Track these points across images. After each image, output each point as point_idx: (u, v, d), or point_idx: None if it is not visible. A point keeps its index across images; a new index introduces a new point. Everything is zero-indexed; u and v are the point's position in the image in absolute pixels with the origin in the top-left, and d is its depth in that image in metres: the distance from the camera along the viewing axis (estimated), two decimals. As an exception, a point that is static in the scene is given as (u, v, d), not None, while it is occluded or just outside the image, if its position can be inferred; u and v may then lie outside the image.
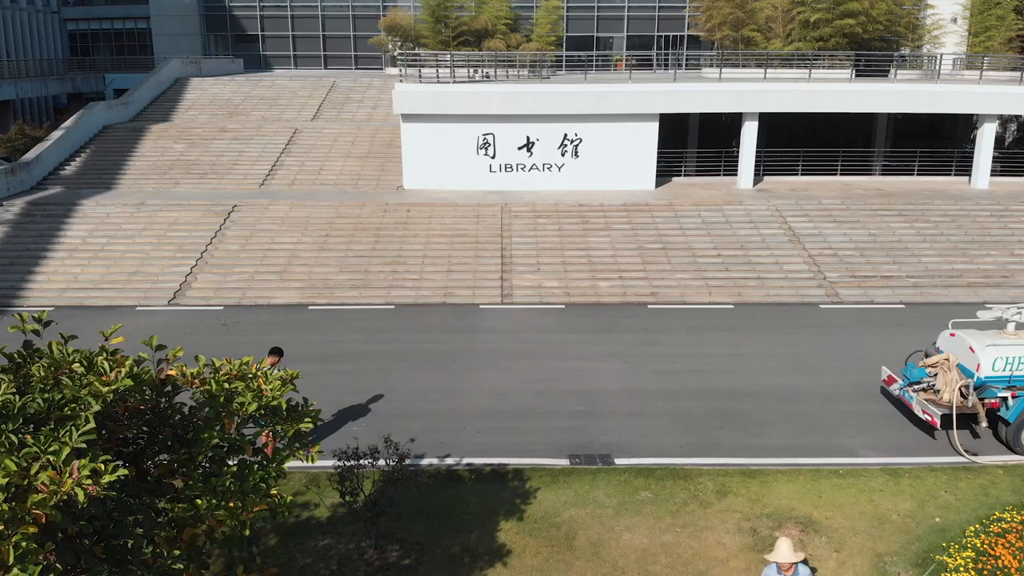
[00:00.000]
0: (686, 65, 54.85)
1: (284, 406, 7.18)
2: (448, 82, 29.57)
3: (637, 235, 24.82)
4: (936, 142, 37.18)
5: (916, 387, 14.54)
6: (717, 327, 19.71)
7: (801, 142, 33.46)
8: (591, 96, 28.23)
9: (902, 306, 21.67)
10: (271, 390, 7.24)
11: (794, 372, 17.04)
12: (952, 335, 14.68)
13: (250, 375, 7.46)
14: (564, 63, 52.87)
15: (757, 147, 29.34)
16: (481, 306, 21.18)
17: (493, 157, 29.01)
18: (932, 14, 40.21)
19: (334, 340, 18.77)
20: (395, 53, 47.75)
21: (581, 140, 28.81)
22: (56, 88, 45.88)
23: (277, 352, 13.10)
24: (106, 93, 49.24)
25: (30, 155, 29.76)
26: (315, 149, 32.00)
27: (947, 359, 14.42)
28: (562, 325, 19.92)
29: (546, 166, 29.04)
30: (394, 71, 47.63)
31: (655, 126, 28.65)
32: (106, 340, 6.99)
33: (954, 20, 42.41)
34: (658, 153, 29.08)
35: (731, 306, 21.32)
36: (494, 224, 25.60)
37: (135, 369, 6.66)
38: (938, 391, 14.35)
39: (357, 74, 46.86)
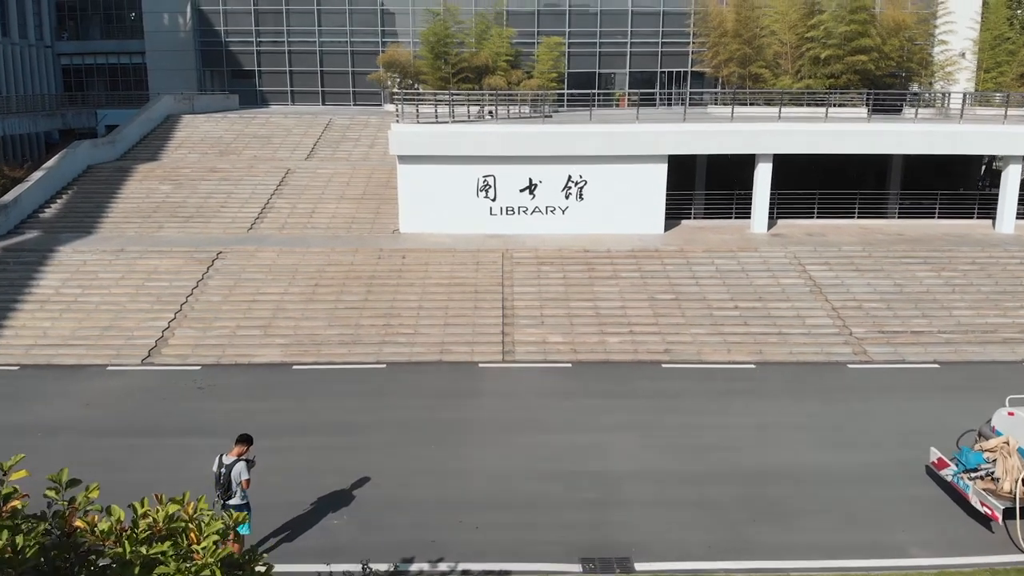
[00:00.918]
0: (690, 101, 53.80)
1: (219, 576, 5.40)
2: (447, 122, 28.11)
3: (647, 284, 23.14)
4: (945, 179, 35.73)
5: (972, 475, 12.75)
6: (739, 391, 17.93)
7: (812, 180, 31.91)
8: (596, 137, 26.75)
9: (936, 365, 19.91)
10: (205, 553, 5.48)
11: (827, 447, 15.24)
12: (1010, 414, 12.94)
13: (181, 528, 5.68)
14: (566, 100, 51.76)
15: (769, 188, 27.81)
16: (480, 365, 19.42)
17: (494, 200, 27.45)
18: (945, 49, 38.94)
19: (318, 407, 16.98)
20: (394, 90, 46.56)
21: (586, 182, 27.27)
22: (45, 124, 44.50)
23: (245, 440, 11.33)
24: (98, 129, 47.88)
25: (8, 197, 28.17)
26: (308, 190, 30.45)
27: (1006, 443, 12.65)
28: (569, 388, 18.15)
29: (549, 209, 27.47)
30: (394, 107, 46.44)
31: (664, 168, 27.12)
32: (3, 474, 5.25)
33: (963, 55, 41.14)
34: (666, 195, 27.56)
35: (752, 365, 19.56)
36: (494, 272, 23.94)
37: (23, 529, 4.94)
38: (997, 479, 12.57)
39: (355, 111, 45.56)
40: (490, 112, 33.04)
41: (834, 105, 36.41)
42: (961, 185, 36.10)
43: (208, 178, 31.39)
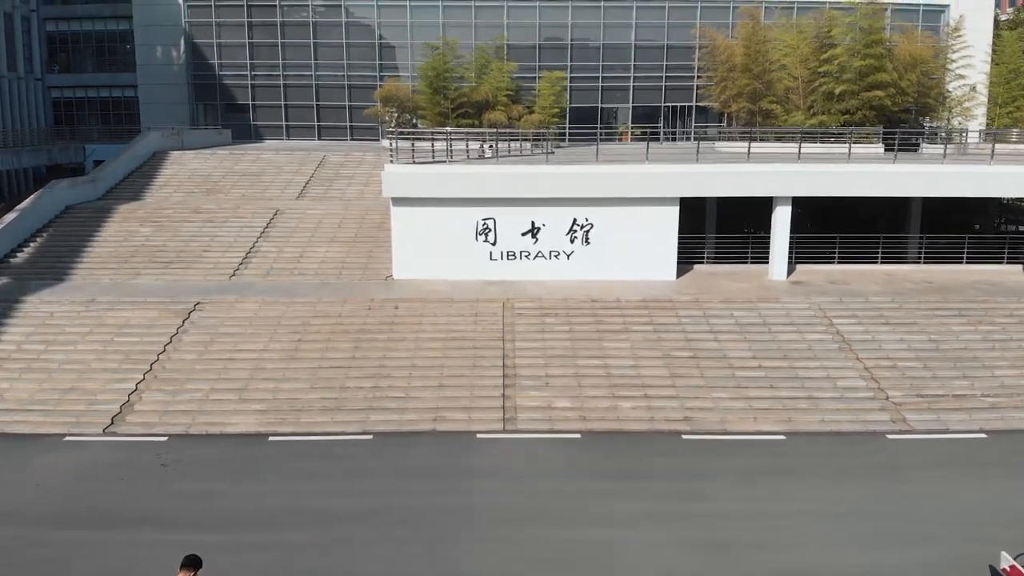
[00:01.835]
0: (695, 136, 52.11)
1: None
2: (444, 161, 26.25)
3: (662, 340, 21.06)
4: (962, 217, 33.80)
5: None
6: (770, 470, 15.77)
7: (823, 220, 29.93)
8: (603, 178, 24.85)
9: (983, 435, 17.77)
10: None
11: (876, 543, 13.07)
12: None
13: None
14: (568, 135, 50.07)
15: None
16: (479, 435, 17.26)
17: (494, 244, 25.48)
18: (963, 84, 37.23)
19: (293, 491, 14.80)
20: (389, 128, 44.87)
21: (592, 225, 25.32)
22: (30, 160, 42.71)
23: (192, 564, 9.19)
24: (86, 164, 46.14)
25: (-25, 241, 26.26)
26: (297, 233, 28.48)
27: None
28: (578, 466, 15.99)
29: (553, 254, 25.49)
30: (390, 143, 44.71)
31: (675, 211, 25.18)
32: None
33: (973, 88, 39.40)
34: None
35: (782, 437, 17.39)
36: (494, 324, 21.88)
37: None
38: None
39: (351, 146, 43.77)
40: (491, 147, 31.30)
41: (850, 142, 34.68)
42: (978, 223, 34.20)
43: (192, 219, 29.43)
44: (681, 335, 21.23)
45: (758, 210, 29.54)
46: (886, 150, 34.30)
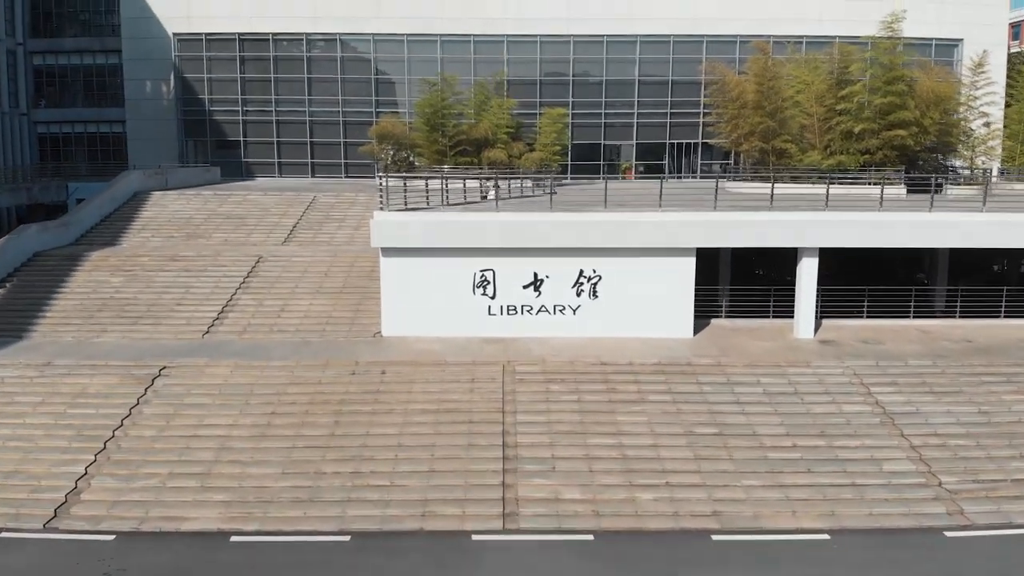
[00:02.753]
0: (701, 174, 49.96)
1: None
2: (438, 207, 23.95)
3: (682, 412, 18.56)
4: (986, 263, 31.52)
5: None
6: (819, 586, 13.23)
7: (847, 267, 27.55)
8: (613, 227, 22.52)
9: (1054, 530, 15.25)
10: None
11: None
12: None
13: None
14: (570, 172, 47.91)
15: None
16: (474, 536, 14.67)
17: (493, 297, 23.09)
18: (988, 121, 35.11)
19: (253, 617, 12.26)
20: (387, 163, 42.74)
21: (600, 278, 22.96)
22: (8, 200, 40.39)
23: None
24: (68, 203, 43.79)
25: (-72, 293, 23.87)
26: (279, 283, 26.08)
27: None
28: (592, 578, 13.45)
29: (558, 308, 23.09)
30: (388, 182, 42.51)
31: (691, 262, 22.83)
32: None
33: (986, 124, 37.26)
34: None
35: (826, 536, 14.81)
36: (493, 392, 19.39)
37: None
38: None
39: (344, 185, 41.59)
40: (494, 186, 29.12)
41: (881, 187, 32.48)
42: (1006, 268, 31.92)
43: (167, 268, 27.05)
44: (704, 406, 18.74)
45: (777, 257, 27.23)
46: (909, 191, 32.15)
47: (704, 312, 24.58)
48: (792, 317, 23.97)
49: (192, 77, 47.48)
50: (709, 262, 26.75)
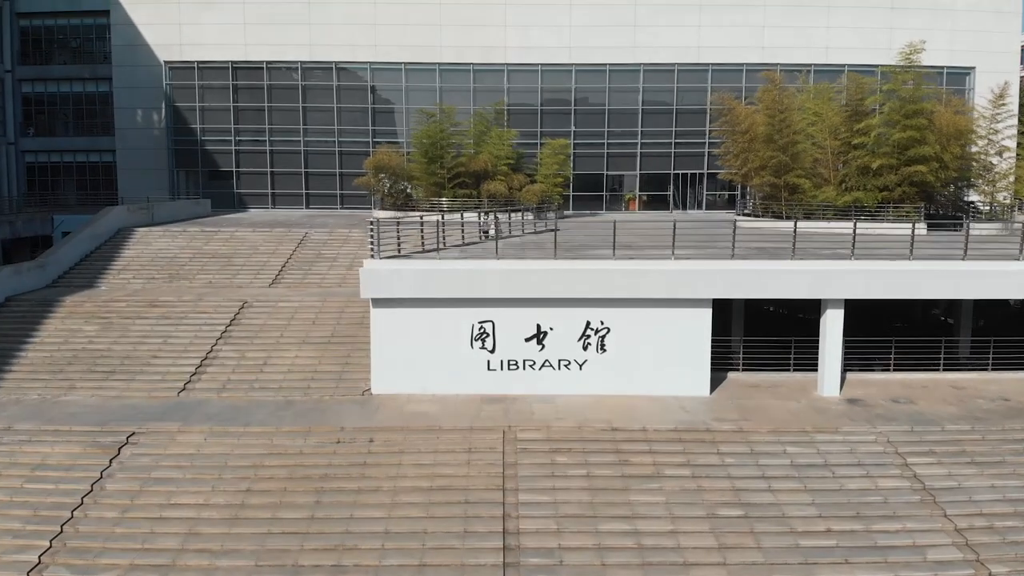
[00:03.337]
0: (707, 205, 48.26)
1: None
2: (433, 251, 22.12)
3: (702, 490, 16.58)
4: (1005, 309, 29.69)
5: None
6: None
7: (865, 315, 25.67)
8: (623, 276, 20.64)
9: None
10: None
11: None
12: None
13: None
14: (572, 203, 46.17)
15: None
16: (472, 650, 12.71)
17: (492, 351, 21.18)
18: (1010, 156, 33.42)
19: None
20: (384, 195, 41.05)
21: (609, 330, 21.06)
22: (-11, 234, 38.66)
23: None
24: (54, 237, 42.02)
25: None
26: (264, 332, 24.17)
27: None
28: None
29: (563, 363, 21.17)
30: (384, 214, 40.75)
31: (708, 314, 20.94)
32: None
33: (999, 154, 35.59)
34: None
35: (874, 649, 12.85)
36: (493, 465, 17.40)
37: None
38: None
39: (339, 218, 39.86)
40: (494, 221, 27.35)
41: (887, 219, 30.72)
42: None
43: (146, 315, 25.16)
44: (727, 482, 16.76)
45: (795, 302, 25.38)
46: (929, 229, 30.41)
47: (719, 364, 22.64)
48: (813, 369, 22.07)
49: (184, 106, 45.91)
50: (721, 308, 24.89)
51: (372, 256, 21.06)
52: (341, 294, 26.91)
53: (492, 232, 27.24)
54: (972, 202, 33.95)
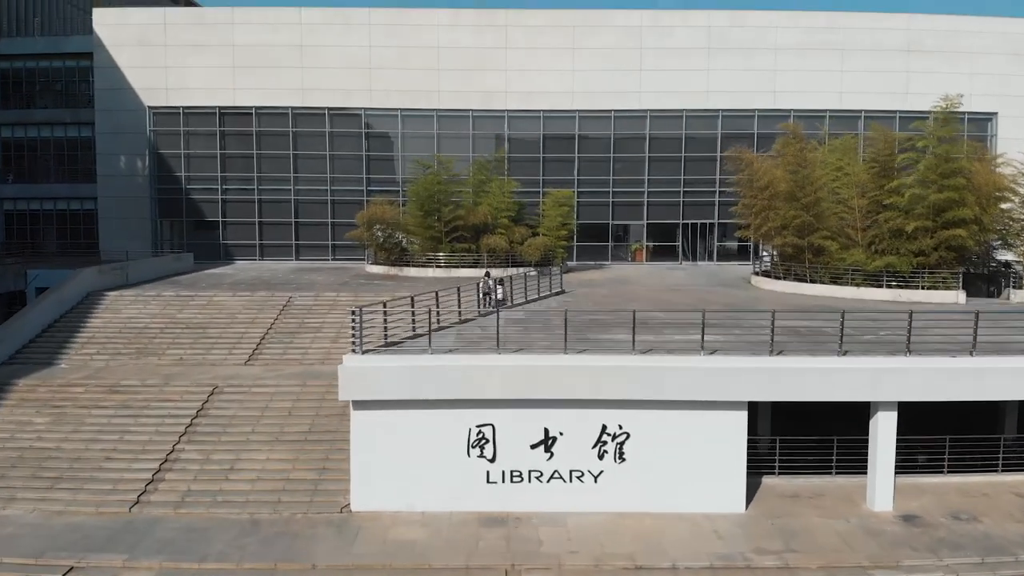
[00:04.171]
0: (718, 255, 45.37)
1: None
2: (424, 342, 19.08)
3: (746, 658, 13.45)
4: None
5: None
6: None
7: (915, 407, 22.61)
8: (643, 374, 17.61)
9: None
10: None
11: None
12: None
13: None
14: (575, 253, 43.25)
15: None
16: None
17: (492, 460, 18.10)
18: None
19: None
20: (377, 247, 38.20)
21: (628, 435, 18.01)
22: (-45, 292, 35.58)
23: None
24: (27, 293, 38.93)
25: None
26: (234, 424, 21.07)
27: None
28: None
29: (575, 475, 18.08)
30: (377, 269, 37.88)
31: (743, 417, 17.90)
32: None
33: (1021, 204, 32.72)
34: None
35: None
36: (494, 612, 14.27)
37: None
38: None
39: (327, 276, 36.85)
40: (499, 284, 24.59)
41: (921, 287, 27.80)
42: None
43: (104, 403, 22.07)
44: (776, 649, 13.63)
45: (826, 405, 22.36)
46: (968, 297, 27.52)
47: (750, 465, 19.42)
48: (858, 470, 19.01)
49: (168, 153, 43.18)
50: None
51: (353, 349, 18.04)
52: (323, 375, 23.80)
53: (499, 295, 24.40)
54: (1009, 263, 31.05)
